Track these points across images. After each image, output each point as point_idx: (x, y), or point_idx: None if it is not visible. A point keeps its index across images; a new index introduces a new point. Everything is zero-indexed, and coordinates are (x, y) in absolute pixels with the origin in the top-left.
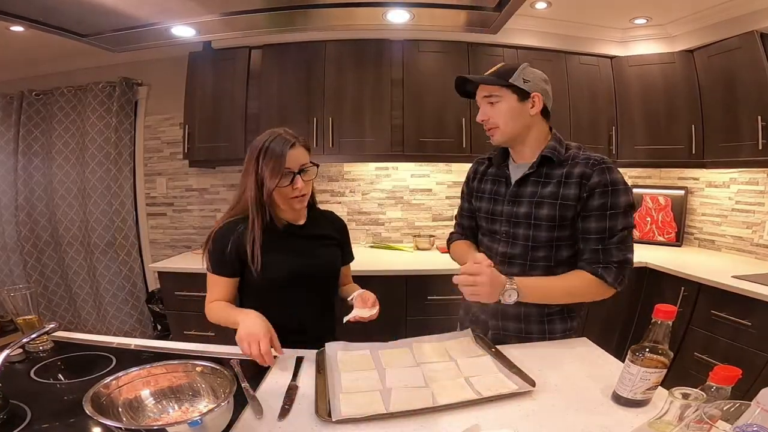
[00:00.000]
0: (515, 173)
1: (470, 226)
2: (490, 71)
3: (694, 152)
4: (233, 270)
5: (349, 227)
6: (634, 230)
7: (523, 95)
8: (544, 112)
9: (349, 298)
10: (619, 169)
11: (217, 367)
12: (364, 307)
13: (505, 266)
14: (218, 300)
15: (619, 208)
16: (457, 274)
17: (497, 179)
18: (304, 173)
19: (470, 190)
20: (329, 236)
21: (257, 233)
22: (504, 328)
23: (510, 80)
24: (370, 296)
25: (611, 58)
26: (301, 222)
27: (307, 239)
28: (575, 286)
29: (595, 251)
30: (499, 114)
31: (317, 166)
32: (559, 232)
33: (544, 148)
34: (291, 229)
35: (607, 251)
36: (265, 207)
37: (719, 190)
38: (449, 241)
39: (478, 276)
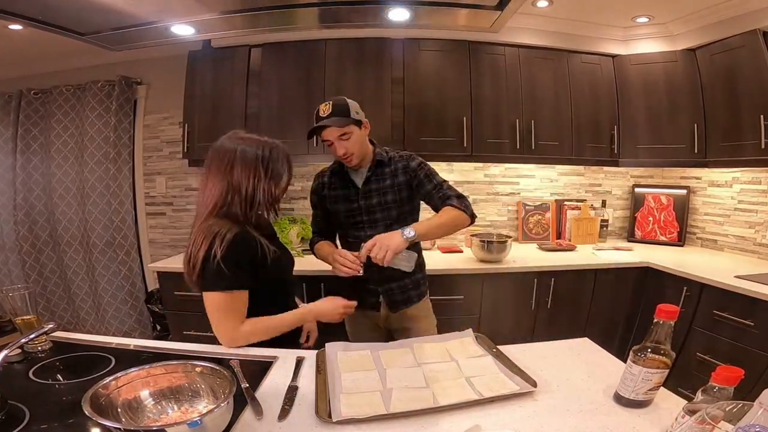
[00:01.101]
0: (358, 178)
1: (328, 228)
2: (327, 114)
3: (696, 151)
4: (252, 279)
5: None
6: (638, 230)
7: (359, 124)
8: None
9: None
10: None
11: (217, 368)
12: None
13: None
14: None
15: (432, 172)
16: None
17: (345, 185)
18: None
19: (321, 199)
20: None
21: (254, 230)
22: (389, 290)
23: (351, 116)
24: None
25: (613, 56)
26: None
27: (268, 232)
28: (447, 214)
29: (440, 198)
30: (353, 145)
31: None
32: (402, 208)
33: (375, 155)
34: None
35: (446, 193)
36: (264, 206)
37: (722, 190)
38: (311, 244)
39: (374, 242)
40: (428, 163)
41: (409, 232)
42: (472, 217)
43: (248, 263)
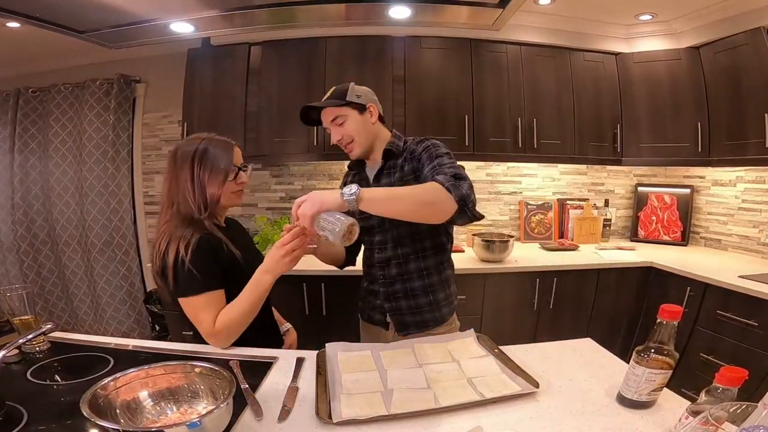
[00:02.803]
0: (371, 173)
1: None
2: (325, 98)
3: (700, 150)
4: (222, 279)
5: None
6: (641, 229)
7: (361, 108)
8: (380, 119)
9: None
10: (626, 167)
11: (216, 368)
12: None
13: (382, 252)
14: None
15: (441, 153)
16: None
17: (360, 183)
18: (244, 170)
19: None
20: (246, 234)
21: (217, 232)
22: (398, 308)
23: (347, 99)
24: None
25: (616, 54)
26: (224, 224)
27: (239, 236)
28: (417, 186)
29: (431, 174)
30: (350, 130)
31: (250, 165)
32: None
33: (386, 144)
34: (222, 230)
35: (439, 171)
36: (208, 207)
37: (725, 189)
38: None
39: (305, 198)
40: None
41: (351, 189)
42: (461, 202)
43: (216, 263)
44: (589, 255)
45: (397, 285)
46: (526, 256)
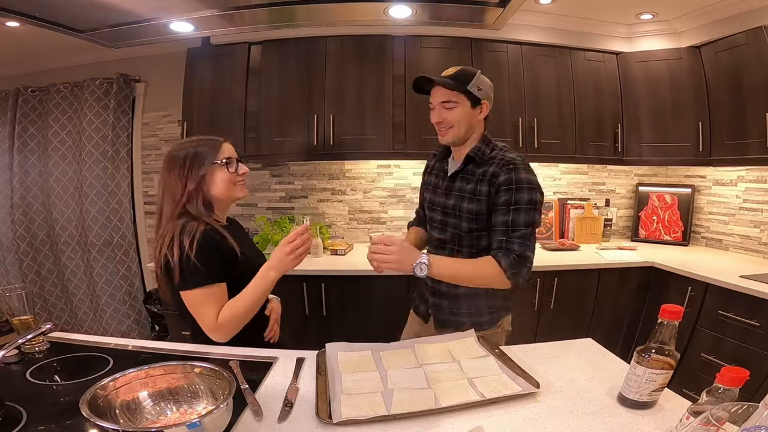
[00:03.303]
0: (451, 168)
1: (424, 216)
2: (448, 73)
3: (701, 150)
4: (223, 273)
5: (350, 226)
6: (642, 229)
7: (475, 102)
8: (485, 118)
9: None
10: (627, 167)
11: (216, 369)
12: None
13: (438, 250)
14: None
15: (521, 204)
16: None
17: (439, 173)
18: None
19: (424, 183)
20: (245, 233)
21: (218, 226)
22: (440, 305)
23: (467, 86)
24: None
25: (617, 54)
26: (225, 223)
27: (239, 234)
28: (480, 268)
29: (499, 241)
30: (455, 118)
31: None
32: (477, 225)
33: (471, 149)
34: (223, 227)
35: (509, 242)
36: (210, 205)
37: (726, 189)
38: (408, 226)
39: (389, 245)
40: (534, 189)
41: (422, 270)
42: (515, 284)
43: (219, 257)
44: (589, 255)
45: (443, 284)
46: None
